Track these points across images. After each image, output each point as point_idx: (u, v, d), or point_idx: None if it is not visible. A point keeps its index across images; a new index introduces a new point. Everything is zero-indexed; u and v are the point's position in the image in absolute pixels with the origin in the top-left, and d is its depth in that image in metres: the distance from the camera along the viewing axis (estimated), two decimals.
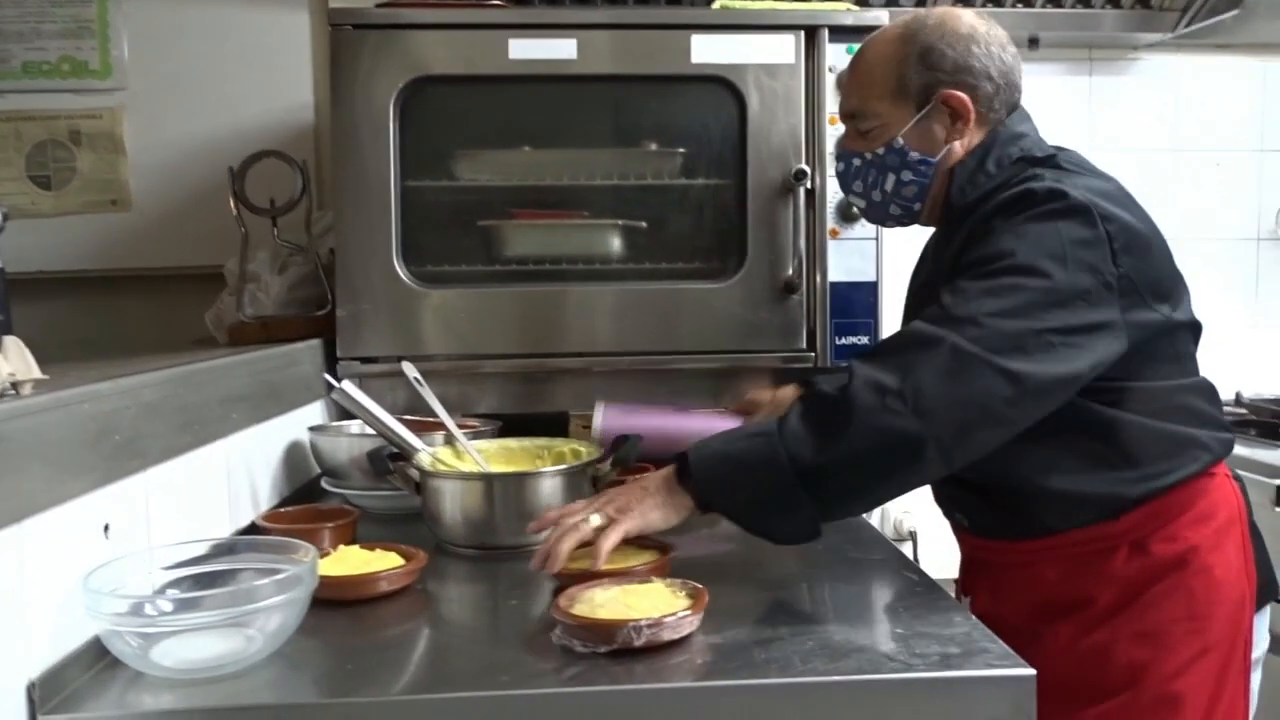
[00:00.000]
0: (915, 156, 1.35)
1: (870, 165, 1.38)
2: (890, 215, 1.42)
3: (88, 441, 0.98)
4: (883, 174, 1.37)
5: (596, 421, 1.60)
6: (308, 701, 0.94)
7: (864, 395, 1.13)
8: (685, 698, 0.93)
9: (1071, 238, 1.19)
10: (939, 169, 1.35)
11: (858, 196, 1.43)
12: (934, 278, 1.34)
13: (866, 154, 1.38)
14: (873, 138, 1.37)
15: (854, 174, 1.41)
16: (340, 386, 1.42)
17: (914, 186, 1.37)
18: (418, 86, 1.84)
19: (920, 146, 1.34)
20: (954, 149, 1.34)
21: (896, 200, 1.39)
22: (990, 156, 1.33)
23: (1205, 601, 1.26)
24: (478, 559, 1.36)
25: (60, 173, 2.35)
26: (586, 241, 1.95)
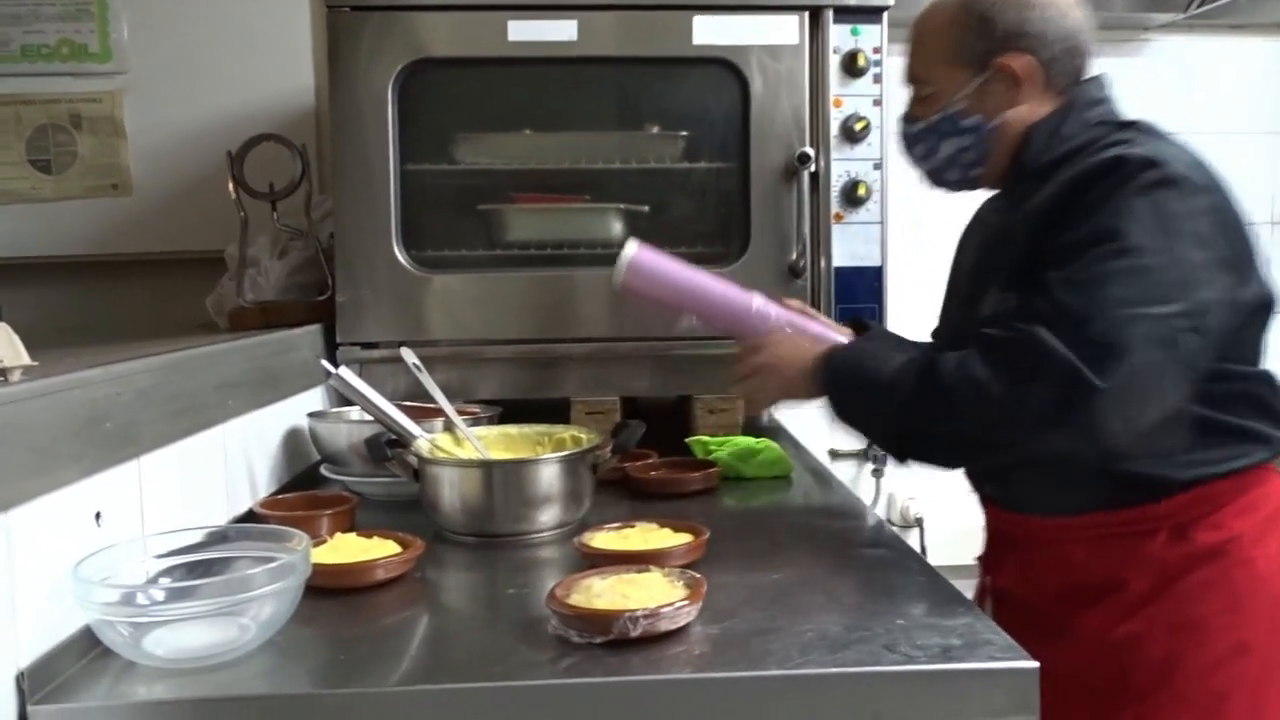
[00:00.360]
0: (972, 122, 1.34)
1: (929, 131, 1.37)
2: (949, 181, 1.41)
3: (77, 429, 0.97)
4: (941, 140, 1.37)
5: (627, 254, 1.47)
6: (301, 692, 0.93)
7: (967, 391, 1.17)
8: (681, 689, 0.91)
9: (1176, 211, 1.16)
10: (998, 134, 1.34)
11: (919, 161, 1.42)
12: (1006, 236, 1.32)
13: (925, 120, 1.37)
14: (931, 103, 1.36)
15: (914, 139, 1.41)
16: (337, 373, 1.41)
17: (972, 152, 1.36)
18: (417, 69, 1.82)
19: (977, 112, 1.34)
20: (1012, 115, 1.33)
21: (956, 166, 1.38)
22: (1067, 120, 1.31)
23: (1246, 595, 1.23)
24: (476, 546, 1.35)
25: (61, 157, 2.33)
26: (588, 226, 1.93)
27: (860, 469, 2.70)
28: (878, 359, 1.30)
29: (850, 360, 1.31)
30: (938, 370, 1.21)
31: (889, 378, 1.26)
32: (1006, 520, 1.40)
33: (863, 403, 1.30)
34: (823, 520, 1.47)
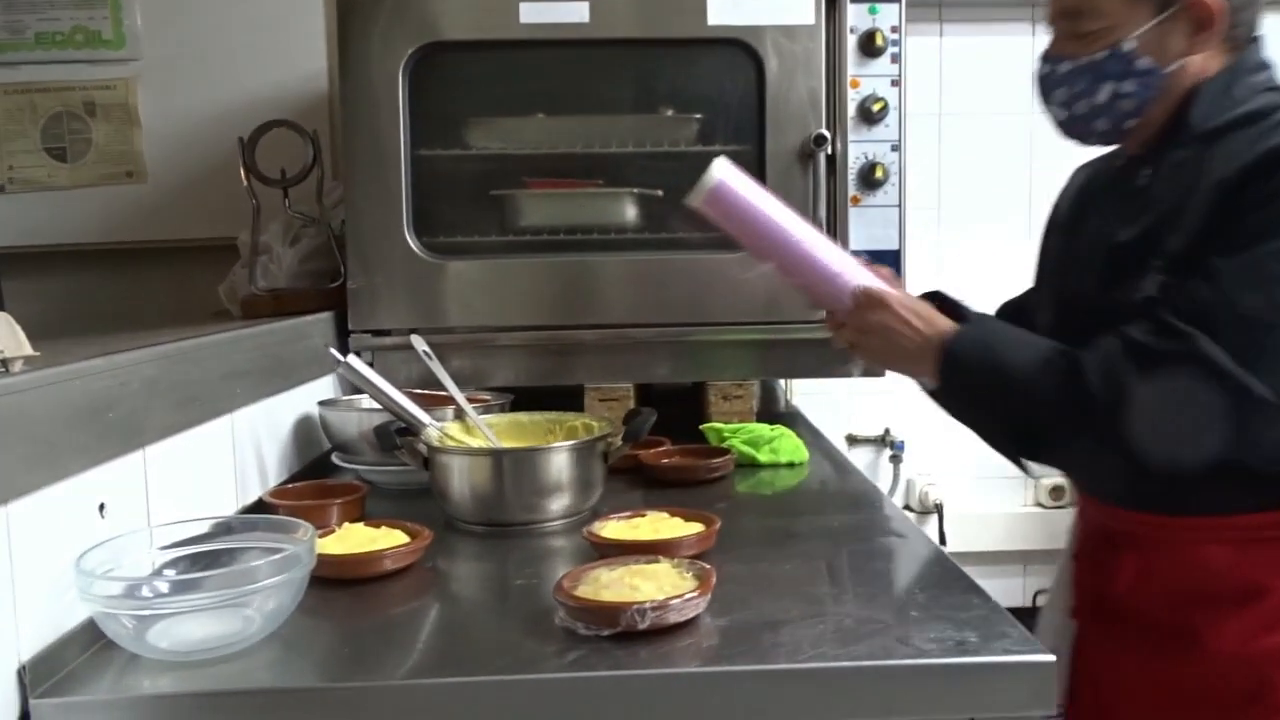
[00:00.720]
0: (1144, 64, 1.21)
1: (1084, 71, 1.24)
2: (1094, 131, 1.28)
3: (79, 419, 0.96)
4: (1098, 82, 1.23)
5: (711, 177, 1.32)
6: (306, 685, 0.92)
7: (1127, 415, 1.10)
8: (689, 683, 0.90)
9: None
10: (1168, 84, 1.22)
11: (1058, 107, 1.29)
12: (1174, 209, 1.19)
13: (1082, 58, 1.24)
14: (1094, 39, 1.22)
15: (1059, 80, 1.27)
16: (346, 361, 1.40)
17: (1133, 100, 1.23)
18: (428, 52, 1.79)
19: (1153, 54, 1.21)
20: (1190, 64, 1.21)
21: (1108, 114, 1.25)
22: (1237, 81, 1.21)
23: None
24: (486, 535, 1.34)
25: (76, 144, 2.33)
26: (601, 210, 1.91)
27: (878, 455, 2.67)
28: (1010, 348, 1.20)
29: (980, 344, 1.22)
30: (1083, 373, 1.13)
31: (1024, 372, 1.17)
32: (1124, 518, 1.27)
33: (989, 395, 1.21)
34: (837, 508, 1.44)
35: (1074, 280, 1.35)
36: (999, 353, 1.20)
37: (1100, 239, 1.30)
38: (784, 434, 1.69)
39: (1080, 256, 1.35)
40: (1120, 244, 1.25)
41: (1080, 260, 1.34)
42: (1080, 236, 1.38)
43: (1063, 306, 1.37)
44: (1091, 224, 1.36)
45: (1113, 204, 1.32)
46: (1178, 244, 1.16)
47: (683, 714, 0.90)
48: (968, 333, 1.23)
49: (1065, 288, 1.38)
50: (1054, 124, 1.32)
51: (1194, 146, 1.20)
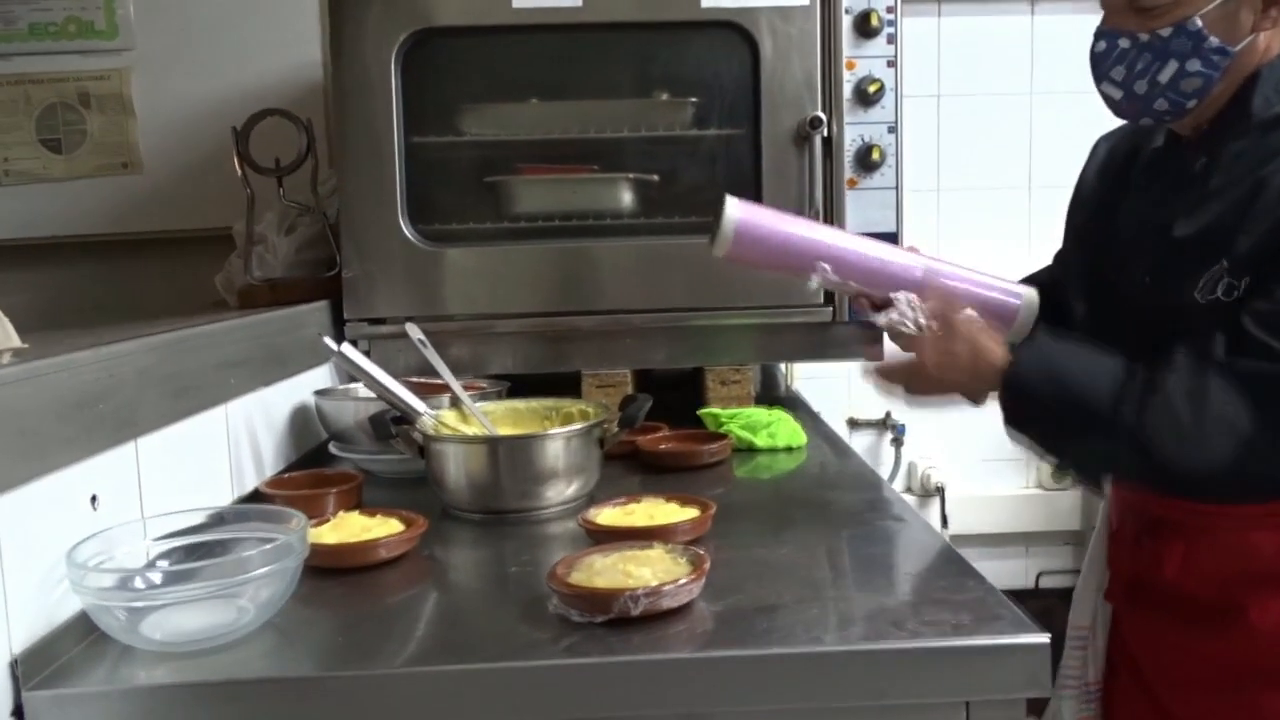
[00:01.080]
0: (1214, 43, 1.15)
1: (1145, 49, 1.18)
2: (1153, 110, 1.22)
3: (67, 412, 0.96)
4: (1161, 60, 1.17)
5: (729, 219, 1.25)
6: (300, 674, 0.92)
7: (1216, 436, 1.08)
8: (682, 669, 0.89)
9: None
10: (1233, 65, 1.17)
11: (1114, 86, 1.22)
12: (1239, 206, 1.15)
13: (1143, 35, 1.17)
14: (1158, 15, 1.16)
15: (1117, 57, 1.20)
16: (340, 350, 1.40)
17: (1198, 80, 1.17)
18: (420, 39, 1.78)
19: (1221, 32, 1.15)
20: (1257, 42, 1.16)
21: (1170, 94, 1.19)
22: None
23: None
24: (483, 523, 1.34)
25: (71, 136, 2.32)
26: (597, 196, 1.90)
27: (880, 438, 2.67)
28: (1079, 368, 1.15)
29: (1043, 374, 1.16)
30: (1174, 413, 1.09)
31: (1103, 396, 1.12)
32: (1173, 506, 1.25)
33: (1065, 420, 1.15)
34: (834, 492, 1.44)
35: (1118, 270, 1.29)
36: (1068, 376, 1.15)
37: (1151, 228, 1.25)
38: (782, 418, 1.69)
39: (1125, 244, 1.29)
40: (1179, 239, 1.20)
41: (1126, 249, 1.29)
42: (1121, 219, 1.32)
43: (1103, 296, 1.33)
44: (1135, 206, 1.31)
45: (1162, 189, 1.27)
46: (1245, 246, 1.13)
47: (677, 700, 0.89)
48: (1030, 359, 1.18)
49: (1108, 277, 1.32)
50: (1107, 102, 1.27)
51: (1254, 135, 1.17)
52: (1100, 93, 1.26)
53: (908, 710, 0.91)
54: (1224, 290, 1.14)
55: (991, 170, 2.62)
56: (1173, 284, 1.19)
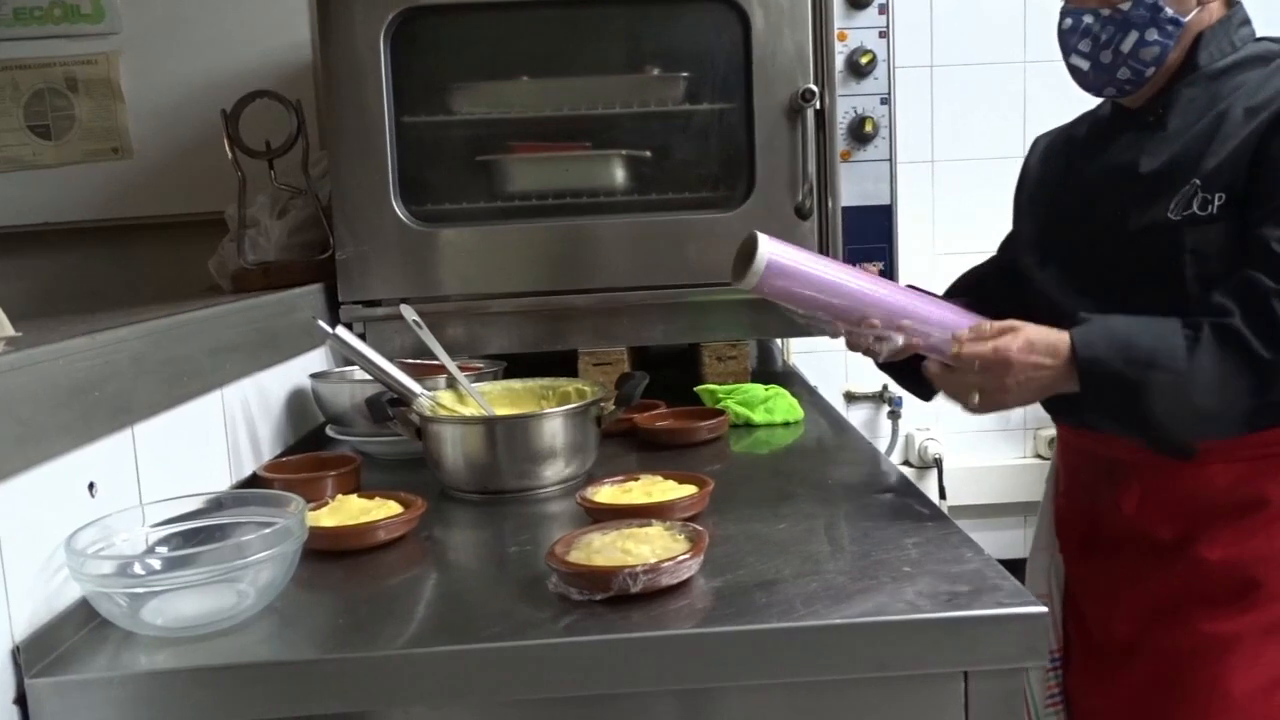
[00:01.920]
0: (1168, 14, 1.27)
1: (1108, 22, 1.30)
2: (1115, 80, 1.32)
3: (62, 400, 0.96)
4: (1123, 31, 1.29)
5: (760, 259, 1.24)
6: (301, 658, 0.92)
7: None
8: (681, 645, 0.90)
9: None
10: (1184, 32, 1.29)
11: (1081, 58, 1.33)
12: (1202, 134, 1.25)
13: (1104, 9, 1.30)
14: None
15: (1083, 32, 1.32)
16: (335, 332, 1.39)
17: (1156, 48, 1.29)
18: (408, 17, 1.77)
19: (1173, 3, 1.28)
20: (1203, 11, 1.29)
21: (1131, 62, 1.30)
22: (1232, 29, 1.30)
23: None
24: (481, 503, 1.34)
25: (59, 121, 2.31)
26: (590, 174, 1.89)
27: (877, 411, 2.67)
28: (1142, 334, 1.17)
29: (1111, 344, 1.17)
30: (1244, 344, 1.12)
31: (1174, 359, 1.14)
32: (1123, 448, 1.31)
33: (1147, 403, 1.15)
34: (832, 466, 1.44)
35: (1087, 210, 1.36)
36: (1137, 346, 1.16)
37: (1116, 172, 1.33)
38: (779, 393, 1.69)
39: (1092, 189, 1.37)
40: (1146, 173, 1.29)
41: (1094, 191, 1.36)
42: (1078, 186, 1.40)
43: (1071, 250, 1.38)
44: (1091, 171, 1.39)
45: (1121, 145, 1.36)
46: (1213, 164, 1.22)
47: (676, 676, 0.90)
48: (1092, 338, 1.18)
49: (1073, 230, 1.38)
50: (1073, 75, 1.36)
51: (1203, 84, 1.29)
52: (1068, 65, 1.36)
53: (907, 681, 0.91)
54: (1199, 205, 1.23)
55: (986, 140, 2.62)
56: (1147, 211, 1.27)
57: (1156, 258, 1.26)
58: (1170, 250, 1.24)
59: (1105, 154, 1.38)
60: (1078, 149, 1.45)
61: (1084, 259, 1.36)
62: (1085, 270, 1.36)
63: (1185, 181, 1.24)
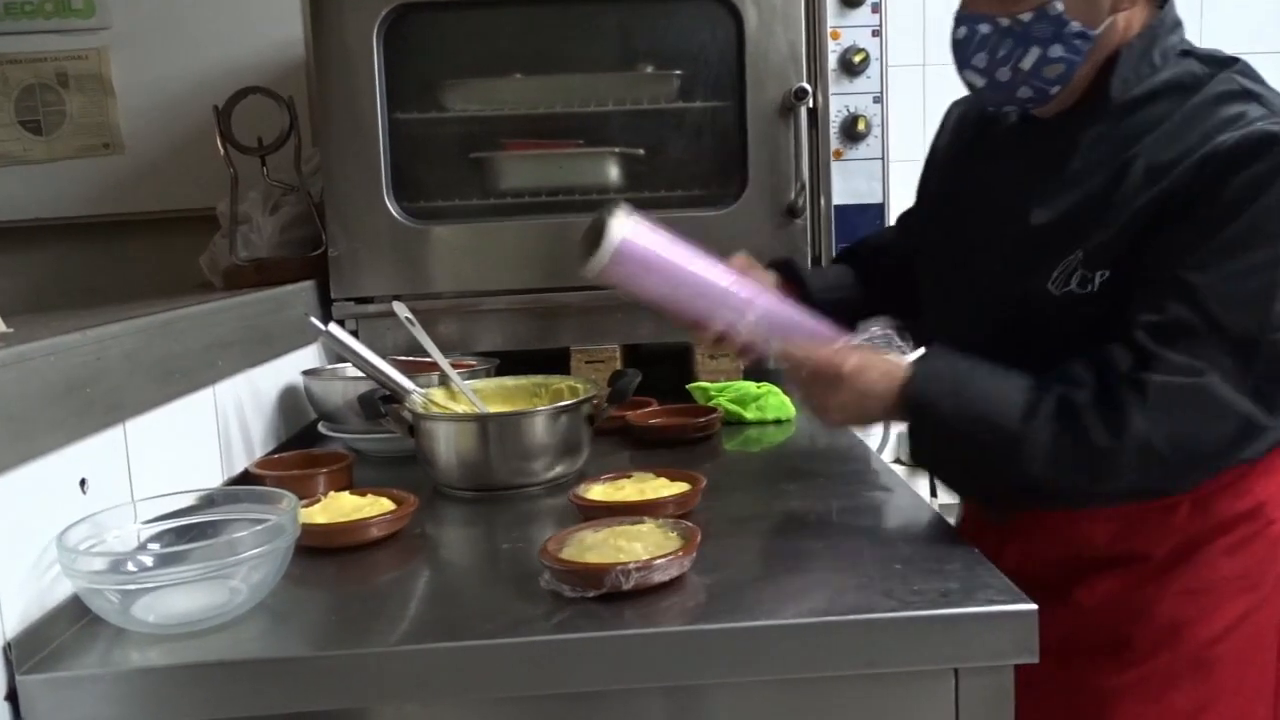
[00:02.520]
0: (1075, 28, 1.12)
1: (1007, 34, 1.14)
2: (1016, 98, 1.18)
3: (55, 396, 0.96)
4: (1023, 46, 1.13)
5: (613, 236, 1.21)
6: (294, 654, 0.92)
7: (1134, 456, 1.05)
8: (673, 642, 0.90)
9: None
10: (1095, 47, 1.13)
11: (977, 73, 1.18)
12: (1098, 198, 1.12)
13: (1004, 19, 1.13)
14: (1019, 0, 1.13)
15: (979, 44, 1.16)
16: (327, 329, 1.39)
17: (1061, 65, 1.13)
18: (401, 13, 1.77)
19: (1082, 15, 1.11)
20: (1116, 23, 1.13)
21: (1034, 80, 1.15)
22: (1156, 43, 1.14)
23: (1262, 561, 1.17)
24: (473, 501, 1.34)
25: (50, 117, 2.30)
26: (583, 171, 1.89)
27: None
28: (965, 406, 1.09)
29: (946, 389, 1.11)
30: (1084, 426, 1.05)
31: (1008, 422, 1.07)
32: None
33: (970, 455, 1.11)
34: (823, 464, 1.44)
35: (970, 254, 1.26)
36: (972, 396, 1.10)
37: (1006, 214, 1.21)
38: (771, 391, 1.69)
39: (978, 228, 1.25)
40: (1035, 228, 1.17)
41: (980, 232, 1.25)
42: (974, 199, 1.29)
43: (952, 278, 1.30)
44: (988, 187, 1.27)
45: (1017, 171, 1.23)
46: (1101, 237, 1.11)
47: (669, 673, 0.90)
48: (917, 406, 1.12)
49: (961, 261, 1.28)
50: (970, 90, 1.23)
51: (1112, 119, 1.15)
52: (963, 80, 1.22)
53: (898, 678, 0.92)
54: (1078, 282, 1.12)
55: None
56: (1027, 273, 1.17)
57: (1031, 320, 1.17)
58: (1043, 319, 1.15)
59: (1003, 172, 1.26)
60: (992, 150, 1.30)
61: (966, 296, 1.27)
62: (967, 309, 1.26)
63: (1070, 249, 1.13)
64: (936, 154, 1.41)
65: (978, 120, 1.33)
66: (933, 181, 1.41)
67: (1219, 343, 1.05)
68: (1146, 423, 1.04)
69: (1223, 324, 1.04)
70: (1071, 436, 1.06)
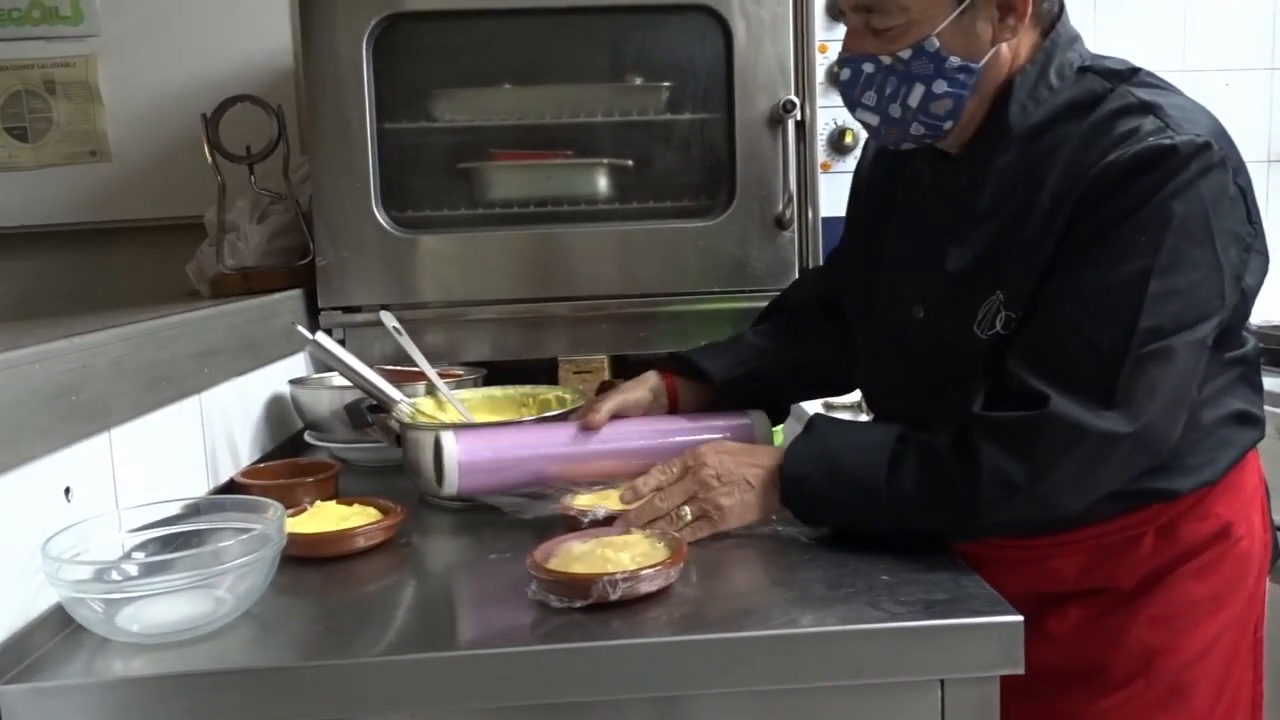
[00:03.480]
0: (955, 62, 1.09)
1: (889, 72, 1.11)
2: (911, 135, 1.15)
3: (40, 403, 0.95)
4: (907, 84, 1.11)
5: (448, 458, 1.24)
6: (278, 664, 0.91)
7: (993, 491, 1.04)
8: (661, 652, 0.90)
9: (1221, 206, 1.03)
10: (981, 79, 1.10)
11: (868, 111, 1.15)
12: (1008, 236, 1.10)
13: (884, 58, 1.11)
14: (895, 37, 1.09)
15: (865, 83, 1.13)
16: (314, 338, 1.39)
17: (948, 100, 1.10)
18: (391, 23, 1.77)
19: (960, 49, 1.09)
20: (1001, 53, 1.10)
21: (922, 118, 1.12)
22: (1052, 65, 1.11)
23: (1233, 577, 1.17)
24: (460, 511, 1.33)
25: (37, 124, 2.29)
26: (571, 181, 1.90)
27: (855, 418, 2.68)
28: (832, 464, 1.10)
29: (802, 463, 1.12)
30: (942, 469, 1.06)
31: (862, 477, 1.07)
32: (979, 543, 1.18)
33: (850, 515, 1.10)
34: None
35: (890, 303, 1.23)
36: (824, 487, 1.10)
37: (921, 259, 1.19)
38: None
39: (894, 275, 1.23)
40: (952, 273, 1.15)
41: (896, 280, 1.23)
42: (887, 242, 1.26)
43: (876, 327, 1.27)
44: (902, 229, 1.25)
45: (929, 211, 1.21)
46: (1019, 279, 1.09)
47: (656, 683, 0.90)
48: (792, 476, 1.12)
49: (885, 308, 1.25)
50: (866, 129, 1.20)
51: (1016, 147, 1.12)
52: (857, 120, 1.19)
53: (884, 689, 0.92)
54: (1003, 324, 1.10)
55: None
56: (950, 320, 1.15)
57: (961, 366, 1.14)
58: (971, 364, 1.12)
59: (916, 214, 1.23)
60: (899, 184, 1.27)
61: (891, 345, 1.25)
62: (892, 358, 1.25)
63: (990, 291, 1.10)
64: (858, 188, 1.38)
65: (894, 154, 1.27)
66: (858, 216, 1.37)
67: (1085, 357, 1.03)
68: (998, 457, 1.03)
69: (1087, 337, 1.03)
70: (935, 481, 1.06)
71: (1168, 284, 1.02)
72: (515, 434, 1.30)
